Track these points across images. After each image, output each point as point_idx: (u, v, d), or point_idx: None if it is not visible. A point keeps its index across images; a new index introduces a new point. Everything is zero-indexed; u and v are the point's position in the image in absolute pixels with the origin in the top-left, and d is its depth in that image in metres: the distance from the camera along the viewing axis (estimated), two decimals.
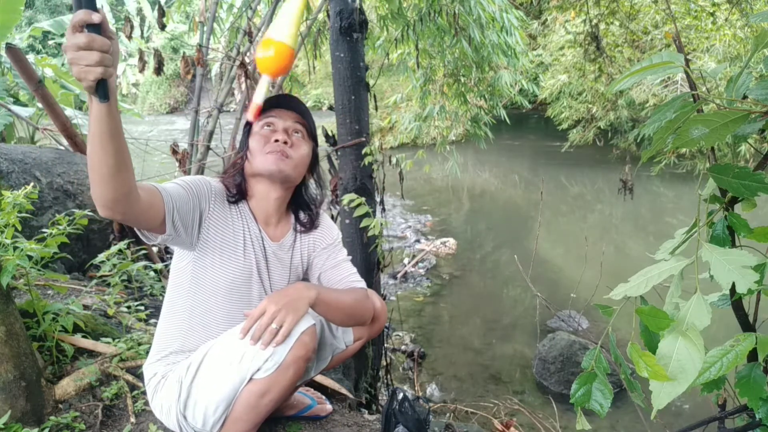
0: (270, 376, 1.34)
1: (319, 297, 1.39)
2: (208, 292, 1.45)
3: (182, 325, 1.48)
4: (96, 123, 1.02)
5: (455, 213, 8.09)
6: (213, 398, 1.37)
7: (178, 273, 1.47)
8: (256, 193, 1.49)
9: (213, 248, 1.42)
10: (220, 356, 1.38)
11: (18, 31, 9.72)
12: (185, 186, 1.36)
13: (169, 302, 1.50)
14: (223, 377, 1.36)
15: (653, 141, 0.97)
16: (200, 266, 1.43)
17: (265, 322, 1.29)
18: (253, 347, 1.33)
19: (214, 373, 1.37)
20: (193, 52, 3.88)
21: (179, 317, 1.48)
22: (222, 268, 1.44)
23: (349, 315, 1.51)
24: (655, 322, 0.96)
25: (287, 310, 1.30)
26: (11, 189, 2.26)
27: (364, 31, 2.56)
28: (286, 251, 1.56)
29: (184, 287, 1.46)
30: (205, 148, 4.13)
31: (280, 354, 1.33)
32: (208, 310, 1.47)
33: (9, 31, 3.83)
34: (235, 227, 1.46)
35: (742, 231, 1.01)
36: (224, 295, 1.46)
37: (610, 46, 5.99)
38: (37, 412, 1.61)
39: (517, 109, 8.97)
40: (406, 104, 8.52)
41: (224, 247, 1.43)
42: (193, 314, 1.47)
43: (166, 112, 21.58)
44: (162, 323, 1.52)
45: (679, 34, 1.05)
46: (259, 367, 1.33)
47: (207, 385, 1.38)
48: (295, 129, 1.46)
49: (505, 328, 4.47)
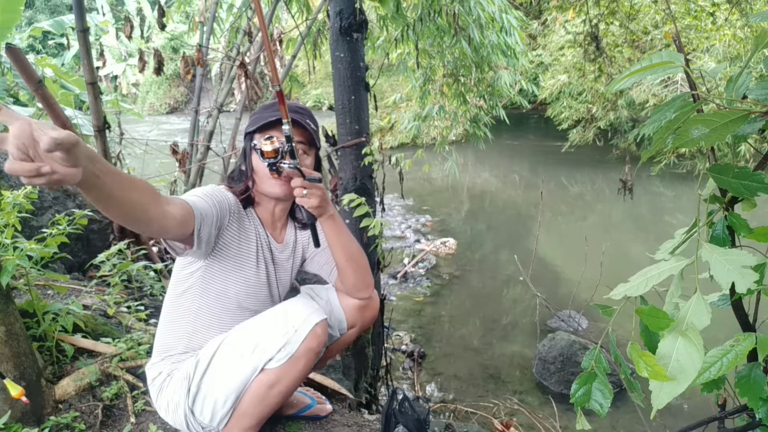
0: (282, 366, 1.36)
1: (335, 213, 1.46)
2: (218, 296, 1.46)
3: (187, 328, 1.49)
4: (87, 193, 0.92)
5: (455, 213, 8.09)
6: (223, 390, 1.39)
7: (185, 278, 1.47)
8: (262, 202, 1.52)
9: (227, 256, 1.44)
10: (232, 348, 1.41)
11: (18, 31, 9.72)
12: (209, 201, 1.36)
13: (173, 305, 1.50)
14: (235, 368, 1.38)
15: (653, 141, 0.97)
16: (210, 273, 1.44)
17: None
18: (266, 338, 1.36)
19: (226, 366, 1.39)
20: (193, 52, 3.88)
21: (184, 320, 1.49)
22: (234, 274, 1.46)
23: (352, 255, 1.54)
24: (655, 322, 0.96)
25: None
26: (11, 189, 2.26)
27: (364, 31, 2.56)
28: (290, 251, 1.61)
29: (192, 291, 1.46)
30: (205, 148, 4.13)
31: (294, 344, 1.35)
32: (215, 313, 1.48)
33: (9, 31, 3.83)
34: (249, 235, 1.48)
35: (742, 231, 1.01)
36: (233, 299, 1.48)
37: (609, 46, 5.99)
38: (37, 412, 1.61)
39: (517, 109, 8.97)
40: (406, 104, 8.52)
41: (239, 256, 1.46)
42: (199, 317, 1.48)
43: (166, 112, 21.58)
44: (164, 325, 1.52)
45: (679, 34, 1.05)
46: (272, 357, 1.36)
47: (218, 378, 1.40)
48: (300, 142, 1.47)
49: (505, 328, 4.47)
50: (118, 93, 19.03)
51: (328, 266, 1.65)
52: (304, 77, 12.08)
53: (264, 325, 1.41)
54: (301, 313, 1.40)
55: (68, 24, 6.27)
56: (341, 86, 2.54)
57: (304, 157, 1.48)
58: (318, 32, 4.17)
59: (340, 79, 2.53)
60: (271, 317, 1.44)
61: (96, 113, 2.91)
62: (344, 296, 1.65)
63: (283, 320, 1.40)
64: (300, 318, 1.39)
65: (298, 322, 1.38)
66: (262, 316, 1.46)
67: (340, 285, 1.64)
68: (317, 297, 1.66)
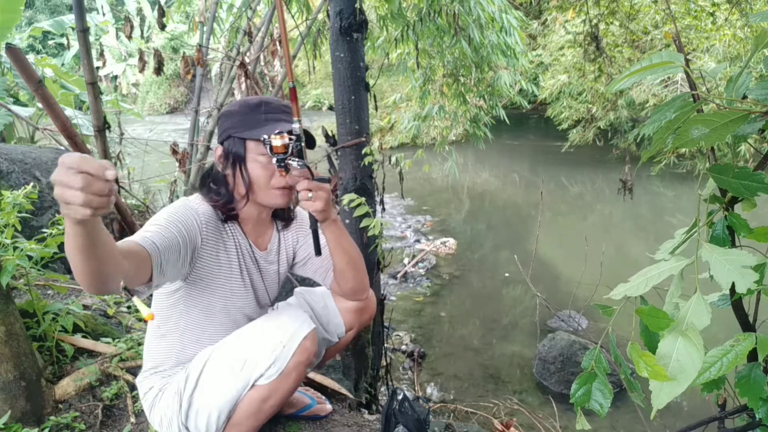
0: (272, 382, 1.34)
1: (336, 218, 1.42)
2: (202, 312, 1.42)
3: (174, 345, 1.46)
4: (71, 238, 0.91)
5: (455, 213, 8.09)
6: (216, 405, 1.36)
7: (166, 298, 1.41)
8: (244, 211, 1.44)
9: (208, 273, 1.38)
10: (221, 364, 1.38)
11: (18, 31, 9.71)
12: (173, 228, 1.25)
13: (157, 326, 1.46)
14: (226, 385, 1.35)
15: (653, 141, 0.97)
16: (192, 292, 1.39)
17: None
18: (255, 354, 1.33)
19: (215, 381, 1.37)
20: (193, 52, 3.88)
21: (170, 338, 1.46)
22: (218, 289, 1.42)
23: (352, 258, 1.50)
24: (655, 322, 0.95)
25: None
26: (11, 189, 2.26)
27: (364, 31, 2.56)
28: (273, 256, 1.55)
29: (174, 310, 1.41)
30: (205, 148, 4.13)
31: (283, 360, 1.33)
32: (202, 328, 1.45)
33: (9, 31, 3.83)
34: (228, 247, 1.42)
35: (742, 231, 1.01)
36: (219, 312, 1.44)
37: (609, 46, 5.99)
38: (37, 412, 1.61)
39: (517, 109, 8.96)
40: (406, 104, 8.52)
41: (220, 271, 1.40)
42: (185, 334, 1.45)
43: (166, 112, 21.57)
44: (151, 343, 1.49)
45: (679, 34, 1.05)
46: (262, 374, 1.33)
47: (209, 393, 1.37)
48: None
49: (505, 328, 4.47)
50: (118, 93, 19.03)
51: (322, 270, 1.61)
52: (304, 77, 12.07)
53: (251, 340, 1.38)
54: (289, 328, 1.36)
55: (68, 24, 6.28)
56: (341, 86, 2.54)
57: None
58: (318, 32, 4.17)
59: (340, 79, 2.53)
60: (258, 331, 1.39)
61: (96, 113, 2.91)
62: (341, 299, 1.63)
63: (271, 335, 1.36)
64: (288, 333, 1.35)
65: (286, 337, 1.34)
66: (249, 329, 1.42)
67: (337, 288, 1.60)
68: (313, 302, 1.64)
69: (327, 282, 1.63)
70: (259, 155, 1.35)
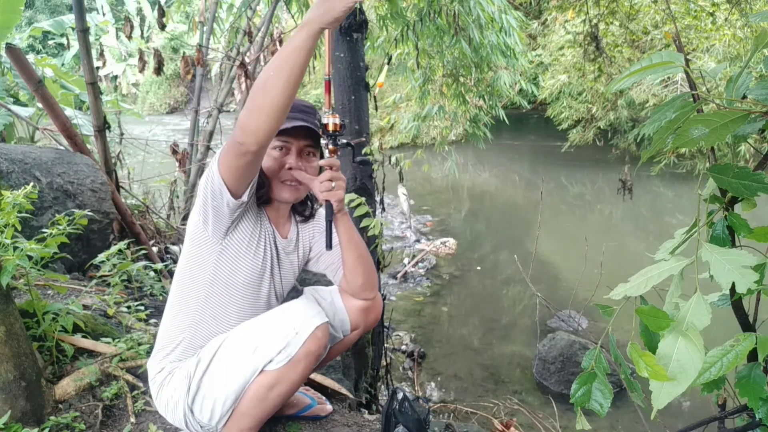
0: (281, 368, 1.36)
1: (346, 216, 1.48)
2: (226, 284, 1.47)
3: (194, 317, 1.48)
4: (303, 52, 1.13)
5: (455, 213, 8.09)
6: (223, 390, 1.39)
7: (197, 264, 1.46)
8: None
9: (239, 242, 1.44)
10: (232, 350, 1.41)
11: (18, 31, 9.71)
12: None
13: (181, 294, 1.49)
14: (235, 369, 1.38)
15: (653, 141, 0.97)
16: (223, 258, 1.44)
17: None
18: (267, 339, 1.36)
19: (225, 366, 1.40)
20: (193, 52, 3.89)
21: (191, 308, 1.48)
22: (244, 261, 1.46)
23: (362, 254, 1.55)
24: (655, 322, 0.95)
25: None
26: (11, 189, 2.25)
27: (364, 31, 2.56)
28: (293, 246, 1.61)
29: (203, 278, 1.46)
30: (205, 148, 4.13)
31: (294, 346, 1.35)
32: (222, 303, 1.48)
33: (9, 31, 3.83)
34: (255, 225, 1.49)
35: (742, 231, 1.01)
36: (240, 289, 1.48)
37: (609, 46, 5.99)
38: (37, 412, 1.60)
39: (517, 109, 8.96)
40: (406, 104, 8.52)
41: (250, 243, 1.46)
42: (207, 306, 1.47)
43: (166, 112, 21.58)
44: (170, 314, 1.52)
45: (679, 34, 1.05)
46: (272, 359, 1.36)
47: (218, 377, 1.40)
48: (308, 145, 1.47)
49: (505, 328, 4.47)
50: (118, 93, 19.04)
51: (334, 266, 1.64)
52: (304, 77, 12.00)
53: (265, 327, 1.41)
54: (302, 316, 1.40)
55: (68, 24, 6.27)
56: (341, 86, 2.54)
57: (311, 158, 1.49)
58: None
59: (340, 79, 2.53)
60: (272, 318, 1.43)
61: (96, 113, 2.92)
62: (348, 297, 1.64)
63: (284, 322, 1.39)
64: (301, 320, 1.38)
65: (299, 324, 1.37)
66: (263, 317, 1.46)
67: (346, 285, 1.63)
68: (321, 298, 1.66)
69: (337, 279, 1.66)
70: (271, 149, 1.43)
